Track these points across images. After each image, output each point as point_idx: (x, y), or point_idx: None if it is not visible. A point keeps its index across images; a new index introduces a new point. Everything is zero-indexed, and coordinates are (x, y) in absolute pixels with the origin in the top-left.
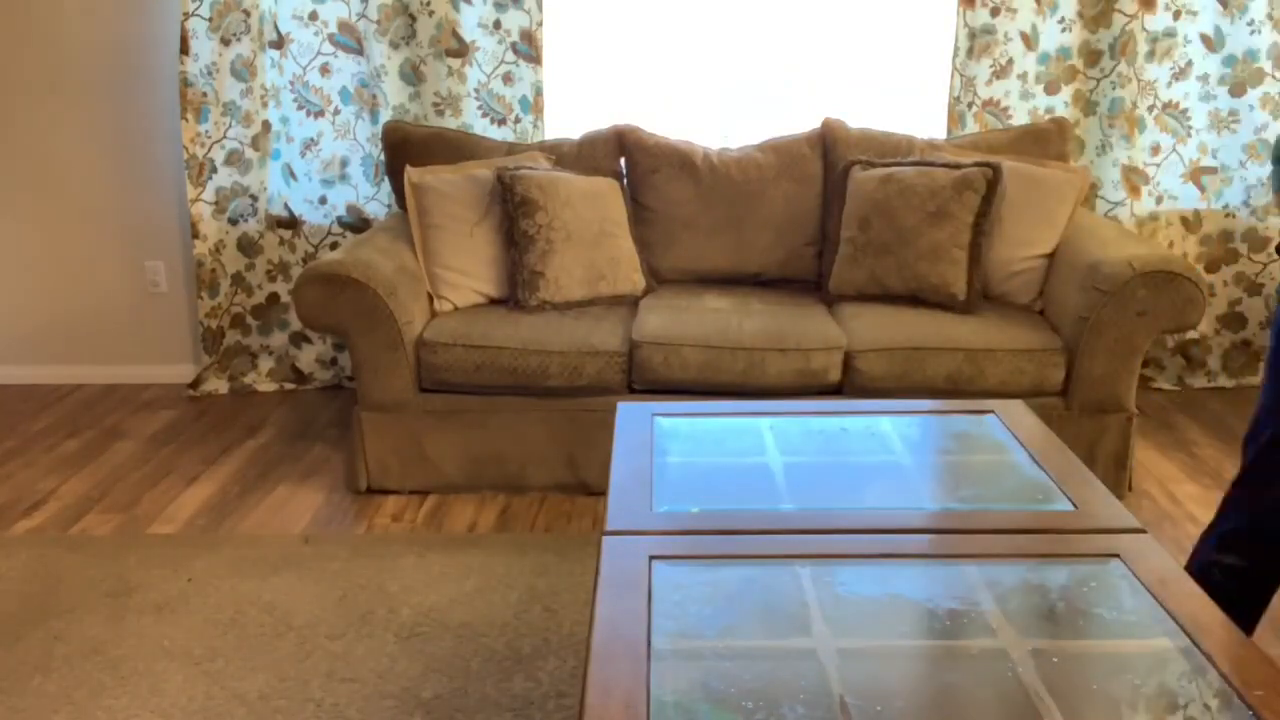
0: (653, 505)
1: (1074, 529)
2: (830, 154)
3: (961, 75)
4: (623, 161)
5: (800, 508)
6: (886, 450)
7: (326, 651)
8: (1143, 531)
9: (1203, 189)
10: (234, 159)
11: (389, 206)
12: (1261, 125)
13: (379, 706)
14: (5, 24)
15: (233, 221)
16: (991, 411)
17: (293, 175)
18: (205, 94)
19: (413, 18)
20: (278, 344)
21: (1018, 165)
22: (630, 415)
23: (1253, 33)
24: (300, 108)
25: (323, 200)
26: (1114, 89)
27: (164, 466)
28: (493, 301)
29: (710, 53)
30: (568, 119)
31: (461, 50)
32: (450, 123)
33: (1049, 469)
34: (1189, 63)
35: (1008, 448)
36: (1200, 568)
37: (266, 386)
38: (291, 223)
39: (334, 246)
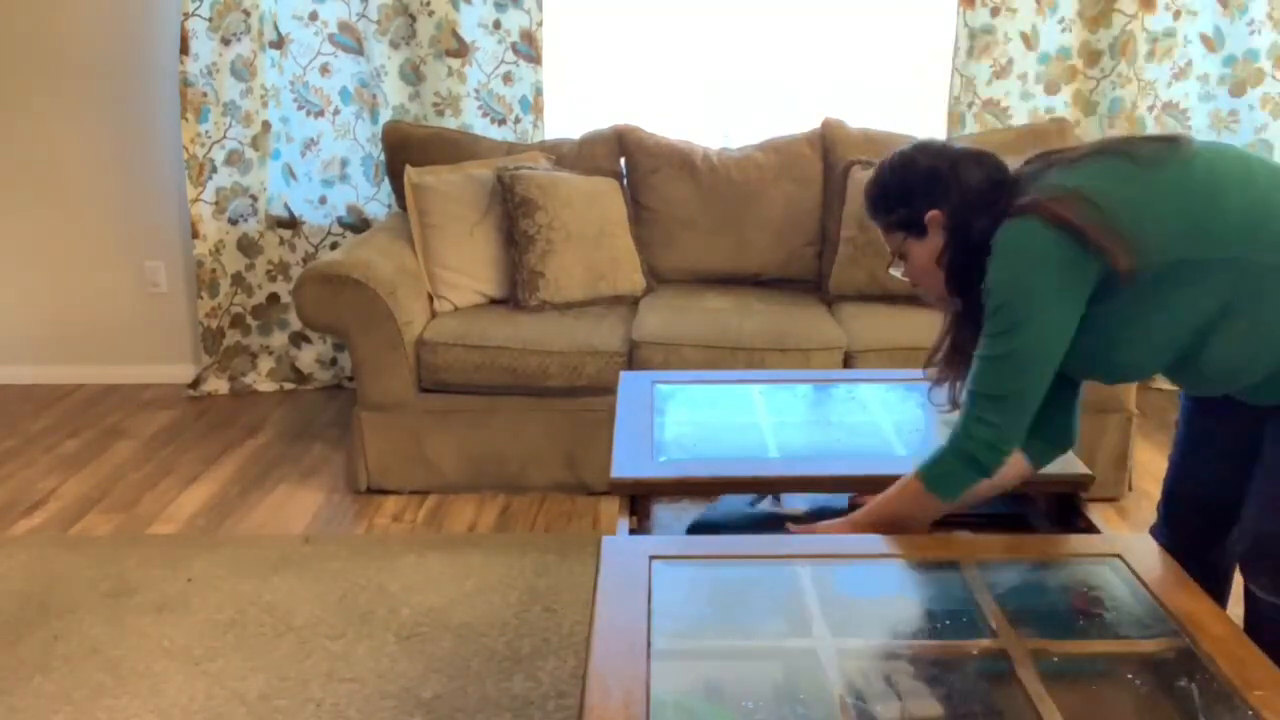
0: (653, 455)
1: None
2: (830, 154)
3: (961, 75)
4: (623, 161)
5: (784, 456)
6: (862, 410)
7: (326, 651)
8: (1091, 478)
9: None
10: (234, 159)
11: (389, 206)
12: (1261, 125)
13: (379, 706)
14: (5, 24)
15: (233, 221)
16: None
17: (293, 175)
18: (205, 94)
19: (413, 18)
20: (278, 344)
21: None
22: (632, 381)
23: (1253, 33)
24: (300, 108)
25: (323, 200)
26: (1114, 89)
27: (164, 466)
28: (493, 301)
29: (710, 53)
30: (568, 119)
31: (461, 50)
32: (450, 123)
33: None
34: (1189, 63)
35: None
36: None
37: (266, 386)
38: (291, 223)
39: (334, 246)
